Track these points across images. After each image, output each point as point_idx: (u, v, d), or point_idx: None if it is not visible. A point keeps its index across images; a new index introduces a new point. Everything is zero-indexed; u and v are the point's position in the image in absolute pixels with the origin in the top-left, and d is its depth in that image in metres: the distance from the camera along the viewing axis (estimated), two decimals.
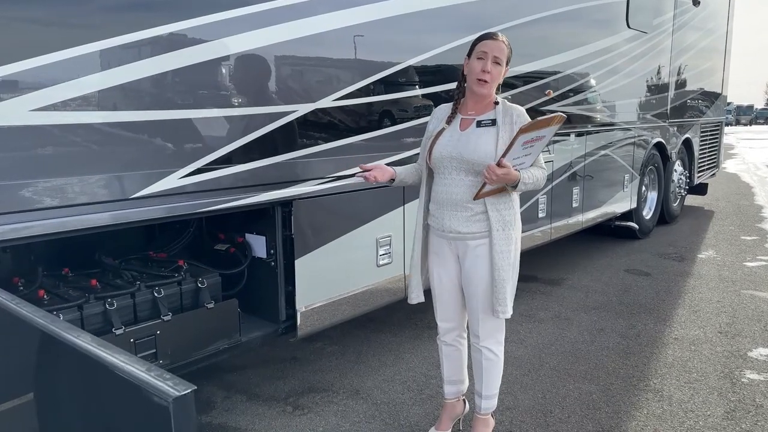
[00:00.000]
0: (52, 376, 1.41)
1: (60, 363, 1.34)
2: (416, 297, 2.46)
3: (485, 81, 2.20)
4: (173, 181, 2.23)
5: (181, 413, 0.87)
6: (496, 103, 2.28)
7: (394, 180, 2.39)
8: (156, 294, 2.39)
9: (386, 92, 3.05)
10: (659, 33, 6.01)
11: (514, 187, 2.19)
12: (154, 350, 2.32)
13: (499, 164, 2.08)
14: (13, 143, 1.84)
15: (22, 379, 1.51)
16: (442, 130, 2.30)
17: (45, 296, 2.23)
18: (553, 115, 2.05)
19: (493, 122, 2.23)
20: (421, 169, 2.43)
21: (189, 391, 0.89)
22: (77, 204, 1.99)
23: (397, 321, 4.01)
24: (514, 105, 2.29)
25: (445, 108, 2.39)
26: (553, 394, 2.99)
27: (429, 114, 2.52)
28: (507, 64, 2.25)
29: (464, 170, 2.22)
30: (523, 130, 2.02)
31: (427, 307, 2.54)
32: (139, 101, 2.11)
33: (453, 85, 3.29)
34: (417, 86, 3.25)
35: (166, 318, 2.36)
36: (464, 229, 2.26)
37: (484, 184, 2.15)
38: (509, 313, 2.28)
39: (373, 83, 2.96)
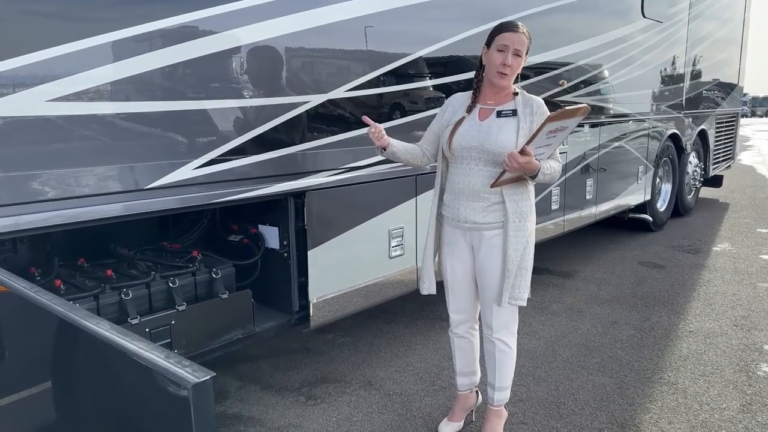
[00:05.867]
0: (70, 365, 1.42)
1: (78, 351, 1.35)
2: (428, 288, 2.45)
3: (505, 74, 2.18)
4: (187, 172, 2.24)
5: (200, 400, 0.88)
6: (515, 93, 2.26)
7: (385, 149, 2.33)
8: (171, 284, 2.41)
9: (399, 83, 3.04)
10: (675, 23, 5.93)
11: (533, 177, 2.18)
12: (169, 340, 2.34)
13: (522, 152, 2.06)
14: (29, 134, 1.85)
15: (40, 367, 1.52)
16: (462, 119, 2.28)
17: (61, 286, 2.25)
18: (578, 105, 2.03)
19: (514, 112, 2.21)
20: (422, 155, 2.42)
21: (208, 377, 0.90)
22: (92, 195, 2.00)
23: (409, 312, 4.01)
24: (534, 96, 2.27)
25: (460, 97, 2.37)
26: (567, 386, 2.98)
27: (442, 105, 2.50)
28: (526, 54, 2.23)
29: (483, 160, 2.21)
30: (551, 118, 2.00)
31: (438, 299, 2.54)
32: (153, 92, 2.12)
33: (466, 76, 3.30)
34: (430, 77, 3.23)
35: (180, 308, 2.38)
36: (480, 219, 2.25)
37: (503, 172, 2.14)
38: (522, 301, 2.27)
39: (386, 74, 2.94)
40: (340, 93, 2.74)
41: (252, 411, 2.80)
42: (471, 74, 2.41)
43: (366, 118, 2.29)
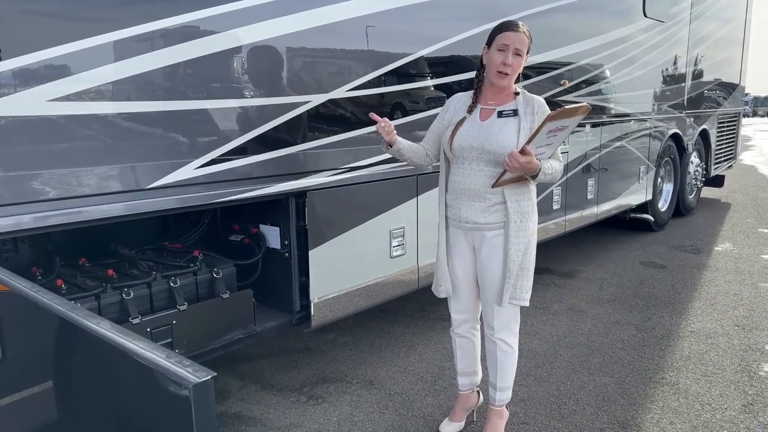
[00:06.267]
0: (71, 364, 1.42)
1: (79, 351, 1.35)
2: (446, 291, 2.43)
3: (506, 73, 2.18)
4: (188, 171, 2.23)
5: (201, 399, 0.88)
6: (516, 93, 2.26)
7: (392, 146, 2.32)
8: (172, 284, 2.41)
9: (400, 83, 3.04)
10: (676, 22, 5.92)
11: (534, 176, 2.17)
12: (170, 340, 2.34)
13: (522, 151, 2.05)
14: (30, 133, 1.85)
15: (41, 367, 1.52)
16: (463, 119, 2.27)
17: (63, 286, 2.25)
18: (578, 105, 2.03)
19: (515, 112, 2.21)
20: (425, 155, 2.41)
21: (209, 377, 0.90)
22: (94, 194, 2.00)
23: (410, 312, 4.01)
24: (535, 96, 2.26)
25: (462, 97, 2.37)
26: (568, 386, 2.97)
27: (443, 104, 2.50)
28: (527, 53, 2.22)
29: (484, 160, 2.20)
30: (551, 117, 2.00)
31: (439, 299, 2.53)
32: (154, 92, 2.11)
33: (467, 76, 3.29)
34: (431, 77, 3.22)
35: (182, 308, 2.38)
36: (481, 219, 2.24)
37: (503, 172, 2.14)
38: (524, 301, 2.27)
39: (387, 74, 2.94)
40: (341, 93, 2.74)
41: (253, 411, 2.80)
42: (472, 74, 2.41)
43: (373, 115, 2.28)
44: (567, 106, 2.04)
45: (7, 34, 1.77)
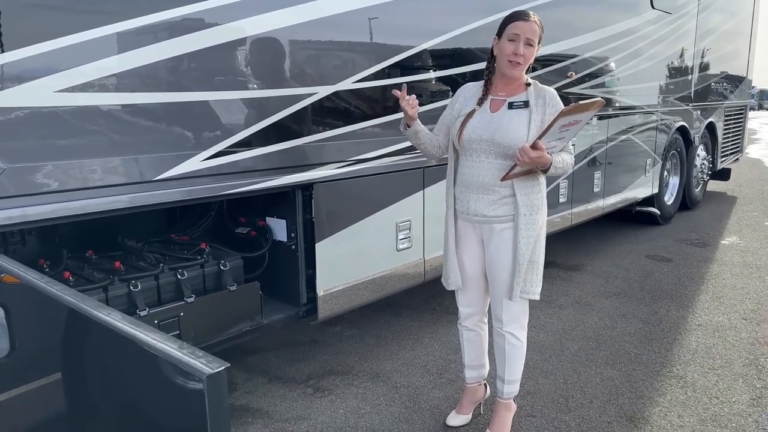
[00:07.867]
0: (81, 356, 1.42)
1: (89, 342, 1.35)
2: (455, 283, 2.41)
3: (518, 63, 2.15)
4: (195, 163, 2.23)
5: (214, 390, 0.87)
6: (528, 84, 2.23)
7: (410, 126, 2.31)
8: (179, 276, 2.41)
9: (407, 74, 3.01)
10: (683, 14, 5.87)
11: (545, 171, 2.16)
12: (178, 332, 2.34)
13: (533, 146, 2.04)
14: (37, 125, 1.84)
15: (51, 358, 1.52)
16: (473, 111, 2.25)
17: (70, 278, 2.25)
18: (592, 100, 2.01)
19: (526, 104, 2.18)
20: (438, 146, 2.40)
21: (222, 368, 0.89)
22: (100, 186, 1.99)
23: (416, 305, 4.00)
24: (546, 87, 2.24)
25: (472, 87, 2.35)
26: (575, 379, 2.97)
27: (450, 96, 2.48)
28: (539, 43, 2.20)
29: (494, 153, 2.18)
30: (564, 113, 1.97)
31: (445, 292, 2.52)
32: (161, 84, 2.10)
33: (474, 67, 3.27)
34: (438, 68, 3.20)
35: (189, 300, 2.38)
36: (491, 212, 2.23)
37: (514, 165, 2.12)
38: (535, 294, 2.26)
39: (394, 65, 2.92)
40: (347, 84, 2.72)
41: (260, 403, 2.80)
42: (479, 65, 2.39)
43: (396, 91, 2.25)
44: (581, 101, 2.01)
45: (15, 25, 1.76)
